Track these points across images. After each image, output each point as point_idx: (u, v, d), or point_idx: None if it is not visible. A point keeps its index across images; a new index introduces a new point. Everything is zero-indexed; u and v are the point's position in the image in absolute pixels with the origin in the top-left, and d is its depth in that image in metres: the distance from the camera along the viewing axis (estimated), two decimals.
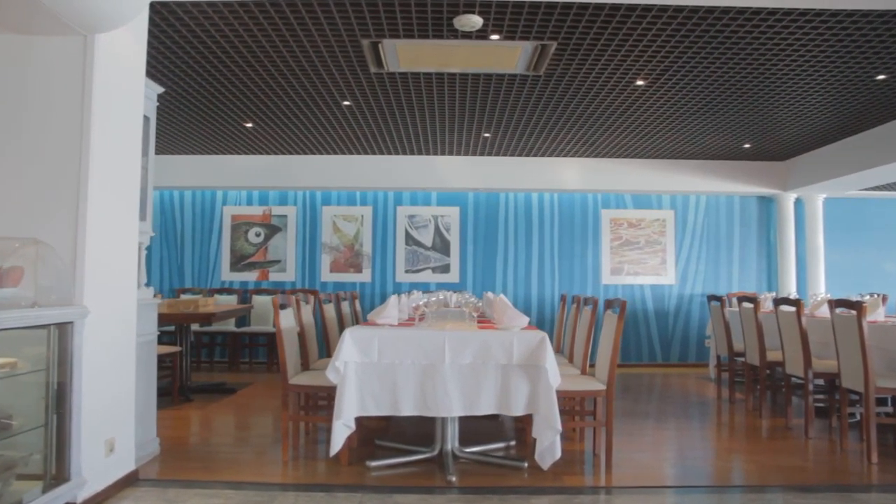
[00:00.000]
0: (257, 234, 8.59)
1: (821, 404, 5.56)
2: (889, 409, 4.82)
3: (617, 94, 5.63)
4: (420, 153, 8.12)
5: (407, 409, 3.76)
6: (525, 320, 4.16)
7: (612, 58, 4.77)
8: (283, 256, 8.58)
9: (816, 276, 8.36)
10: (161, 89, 4.39)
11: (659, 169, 8.29)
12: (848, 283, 8.58)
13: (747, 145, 7.54)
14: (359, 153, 8.14)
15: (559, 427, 3.66)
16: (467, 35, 4.37)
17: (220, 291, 8.47)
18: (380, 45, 4.59)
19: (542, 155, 8.14)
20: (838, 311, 4.60)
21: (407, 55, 4.78)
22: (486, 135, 7.16)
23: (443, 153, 8.12)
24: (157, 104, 4.47)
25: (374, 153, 8.14)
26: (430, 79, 5.34)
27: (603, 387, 4.09)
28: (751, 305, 5.74)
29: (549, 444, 3.69)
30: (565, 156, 8.18)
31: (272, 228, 8.61)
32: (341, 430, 3.74)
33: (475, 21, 4.13)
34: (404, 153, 8.12)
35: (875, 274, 8.83)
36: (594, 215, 8.66)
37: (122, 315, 3.52)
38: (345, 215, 8.59)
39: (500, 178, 8.25)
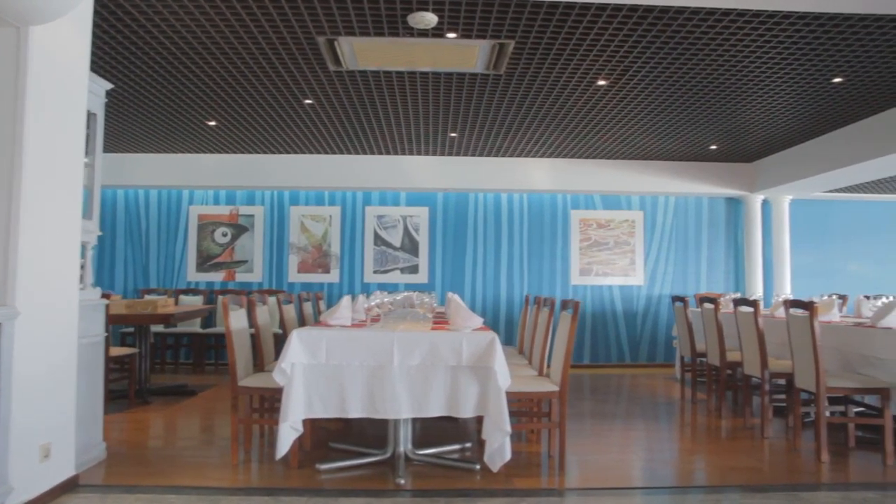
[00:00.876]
0: (224, 234, 8.49)
1: (780, 404, 5.59)
2: (842, 408, 4.83)
3: (579, 94, 5.62)
4: (388, 153, 8.07)
5: (355, 412, 3.72)
6: (478, 321, 4.13)
7: (571, 57, 4.75)
8: (250, 257, 8.48)
9: (782, 277, 8.42)
10: (109, 85, 4.30)
11: (628, 170, 8.31)
12: (813, 283, 8.65)
13: (714, 147, 7.57)
14: (326, 153, 8.07)
15: (508, 429, 3.62)
16: (423, 33, 4.33)
17: (186, 292, 8.36)
18: (336, 43, 4.53)
19: (512, 155, 8.12)
20: (792, 311, 4.62)
21: (364, 53, 4.73)
22: (453, 134, 7.12)
23: (411, 153, 8.07)
24: (107, 100, 4.38)
25: (342, 153, 8.08)
26: (391, 77, 5.29)
27: (556, 388, 4.06)
28: (711, 306, 5.75)
29: (498, 446, 3.65)
30: (534, 156, 8.16)
31: (239, 228, 8.52)
32: (288, 433, 3.68)
33: (430, 19, 4.09)
34: (372, 153, 8.07)
35: (840, 275, 8.91)
36: (563, 216, 8.65)
37: (62, 316, 3.44)
38: (313, 215, 8.51)
39: (470, 179, 8.22)
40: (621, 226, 8.66)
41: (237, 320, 4.27)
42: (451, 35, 4.35)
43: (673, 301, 6.65)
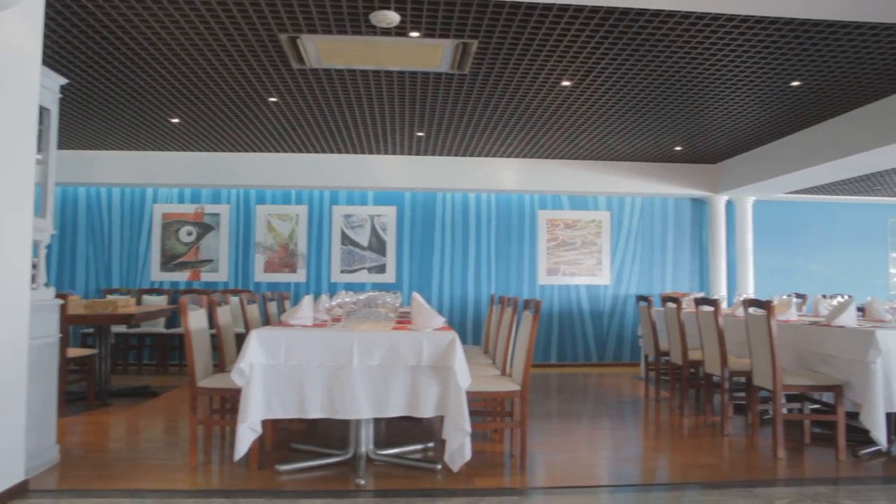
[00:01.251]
0: (189, 233, 8.38)
1: (741, 402, 5.67)
2: (799, 405, 4.93)
3: (544, 94, 5.64)
4: (356, 152, 8.03)
5: (314, 412, 3.69)
6: (440, 321, 4.13)
7: (535, 57, 4.77)
8: (215, 256, 8.38)
9: (746, 277, 8.56)
10: (64, 80, 4.21)
11: (595, 170, 8.37)
12: (776, 283, 8.81)
13: (679, 148, 7.67)
14: (293, 151, 8.01)
15: (468, 428, 3.62)
16: (387, 32, 4.31)
17: (150, 292, 8.22)
18: (299, 41, 4.49)
19: (480, 155, 8.14)
20: (751, 310, 4.69)
21: (328, 51, 4.69)
22: (420, 134, 7.11)
23: (379, 152, 8.04)
24: (62, 95, 4.28)
25: (309, 151, 8.02)
26: (356, 76, 5.26)
27: (518, 387, 4.07)
28: (674, 305, 5.81)
29: (458, 446, 3.65)
30: (502, 156, 8.19)
31: (204, 227, 8.41)
32: (246, 434, 3.65)
33: (392, 17, 4.07)
34: (339, 152, 8.02)
35: (801, 274, 9.09)
36: (531, 216, 8.69)
37: (10, 317, 3.35)
38: (279, 214, 8.44)
39: (437, 178, 8.22)
40: (588, 226, 8.73)
41: (196, 320, 4.21)
42: (415, 34, 4.34)
43: (637, 300, 6.72)
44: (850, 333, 4.30)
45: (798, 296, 6.95)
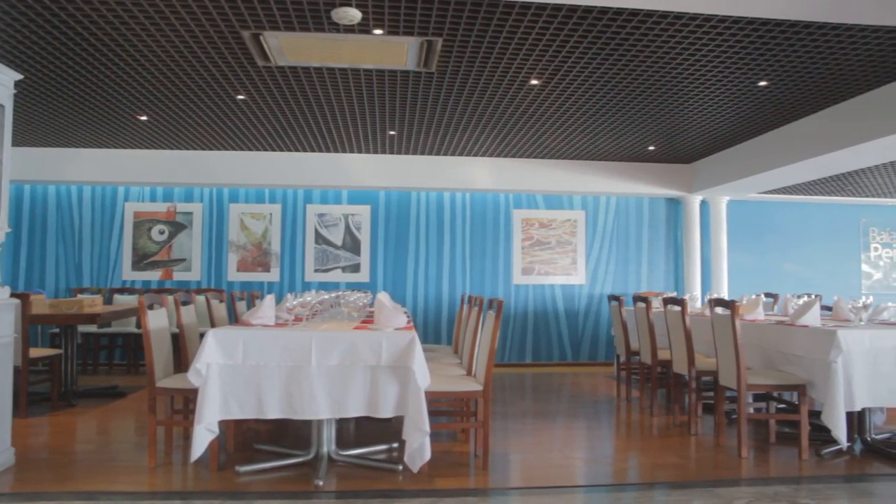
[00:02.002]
0: (161, 232, 8.29)
1: (709, 401, 5.68)
2: (764, 405, 4.95)
3: (514, 93, 5.62)
4: (329, 150, 7.97)
5: (272, 412, 3.66)
6: (402, 320, 4.11)
7: (501, 55, 4.75)
8: (188, 255, 8.30)
9: (720, 277, 8.59)
10: (18, 76, 4.13)
11: (570, 170, 8.37)
12: (751, 283, 8.86)
13: (652, 147, 7.68)
14: (266, 149, 7.94)
15: (427, 429, 3.60)
16: (350, 29, 4.28)
17: (121, 291, 8.13)
18: (261, 38, 4.45)
19: (454, 154, 8.11)
20: (718, 310, 4.70)
21: (292, 48, 4.65)
22: (392, 132, 7.07)
23: (352, 151, 7.99)
24: (16, 91, 4.21)
25: (281, 150, 7.96)
26: (323, 74, 5.22)
27: (480, 387, 4.05)
28: (643, 305, 5.82)
29: (418, 446, 3.63)
30: (476, 155, 8.17)
31: (177, 226, 8.32)
32: (203, 435, 3.60)
33: (353, 14, 4.03)
34: (312, 150, 7.96)
35: (775, 274, 9.14)
36: (506, 215, 8.68)
37: None
38: (253, 213, 8.37)
39: (412, 177, 8.18)
40: (563, 225, 8.73)
41: (155, 320, 4.16)
42: (378, 31, 4.31)
43: (609, 300, 6.72)
44: (813, 333, 4.32)
45: (769, 295, 6.99)
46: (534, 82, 5.34)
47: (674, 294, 6.95)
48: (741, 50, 4.56)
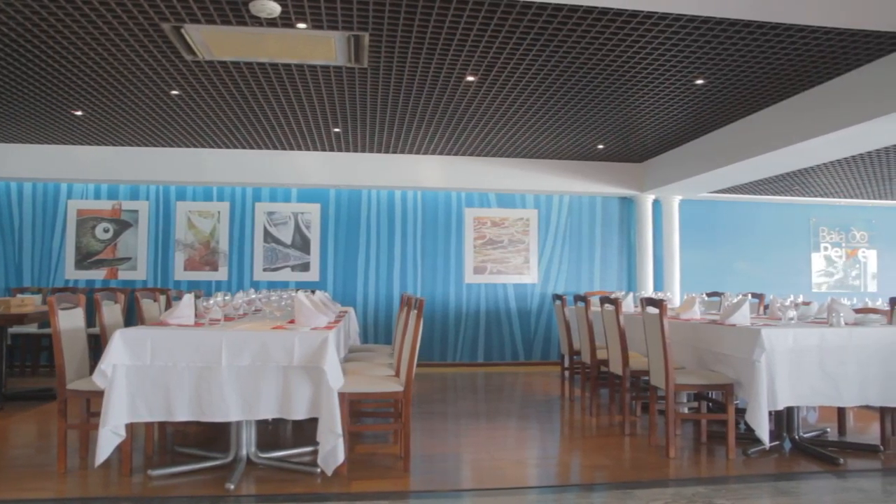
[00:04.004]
0: (105, 230, 8.11)
1: (648, 400, 5.67)
2: (696, 405, 4.94)
3: (452, 89, 5.56)
4: (277, 148, 7.85)
5: (182, 415, 3.57)
6: (324, 320, 4.03)
7: (431, 50, 4.68)
8: (133, 254, 8.13)
9: (672, 276, 8.61)
10: None
11: (522, 168, 8.34)
12: (702, 281, 8.90)
13: (601, 146, 7.67)
14: (212, 146, 7.80)
15: (339, 431, 3.53)
16: (273, 23, 4.18)
17: (64, 290, 7.93)
18: (183, 31, 4.34)
19: (403, 152, 8.04)
20: (648, 309, 4.68)
21: (216, 43, 4.54)
22: (336, 130, 6.98)
23: (300, 148, 7.88)
24: None
25: (228, 147, 7.82)
26: (254, 69, 5.11)
27: (401, 388, 3.98)
28: (583, 305, 5.80)
29: (331, 448, 3.55)
30: (426, 153, 8.10)
31: (122, 224, 8.15)
32: (109, 438, 3.50)
33: (272, 7, 3.95)
34: (259, 147, 7.83)
35: (726, 272, 9.19)
36: (458, 214, 8.63)
37: None
38: (200, 211, 8.22)
39: (361, 176, 8.09)
40: (516, 224, 8.69)
41: (67, 320, 4.04)
42: (302, 25, 4.22)
43: (553, 299, 6.69)
44: (739, 332, 4.31)
45: (713, 294, 7.00)
46: (470, 79, 5.28)
47: (617, 294, 6.94)
48: (674, 47, 4.54)
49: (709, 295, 7.11)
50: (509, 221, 8.68)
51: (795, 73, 5.07)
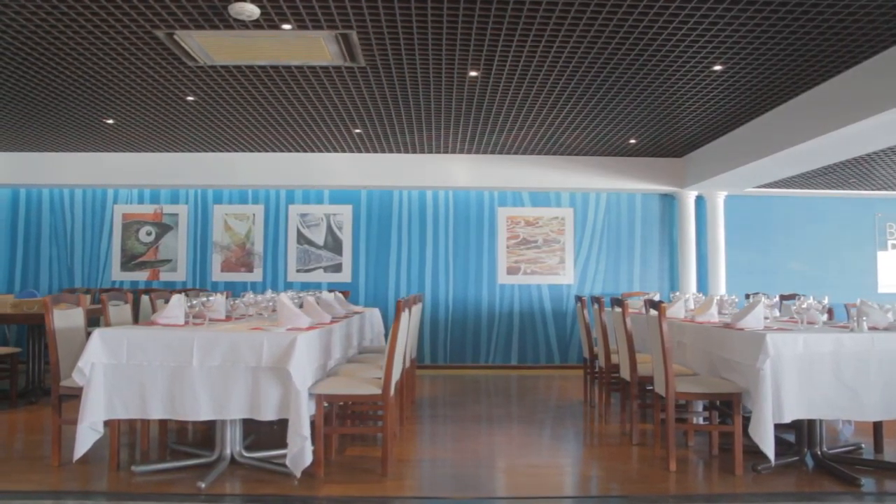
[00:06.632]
0: (148, 233, 8.44)
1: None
2: (704, 413, 4.63)
3: (456, 86, 5.45)
4: (307, 150, 7.93)
5: (156, 413, 3.65)
6: (304, 321, 4.01)
7: (423, 46, 4.58)
8: (174, 256, 8.42)
9: (717, 276, 8.17)
10: None
11: (556, 166, 8.10)
12: (751, 282, 8.38)
13: (633, 141, 7.34)
14: (245, 150, 7.97)
15: (306, 433, 3.51)
16: (258, 25, 4.21)
17: (110, 291, 8.30)
18: (176, 38, 4.42)
19: (433, 152, 7.97)
20: (652, 312, 4.42)
21: (212, 47, 4.61)
22: (357, 131, 6.99)
23: (330, 150, 7.93)
24: None
25: (260, 150, 7.97)
26: (257, 72, 5.16)
27: (378, 391, 3.91)
28: (597, 307, 5.55)
29: (298, 451, 3.54)
30: (456, 153, 8.00)
31: (163, 227, 8.46)
32: (86, 434, 3.63)
33: (251, 10, 3.96)
34: (290, 150, 7.93)
35: (779, 273, 8.62)
36: (490, 213, 8.48)
37: None
38: (236, 214, 8.43)
39: (392, 176, 8.07)
40: (550, 223, 8.46)
41: (64, 319, 4.21)
42: (287, 27, 4.22)
43: (576, 301, 6.46)
44: (744, 337, 4.00)
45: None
46: (473, 74, 5.16)
47: (655, 295, 6.61)
48: (691, 32, 4.25)
49: (747, 297, 6.67)
50: (543, 220, 8.46)
51: (853, 39, 4.35)
